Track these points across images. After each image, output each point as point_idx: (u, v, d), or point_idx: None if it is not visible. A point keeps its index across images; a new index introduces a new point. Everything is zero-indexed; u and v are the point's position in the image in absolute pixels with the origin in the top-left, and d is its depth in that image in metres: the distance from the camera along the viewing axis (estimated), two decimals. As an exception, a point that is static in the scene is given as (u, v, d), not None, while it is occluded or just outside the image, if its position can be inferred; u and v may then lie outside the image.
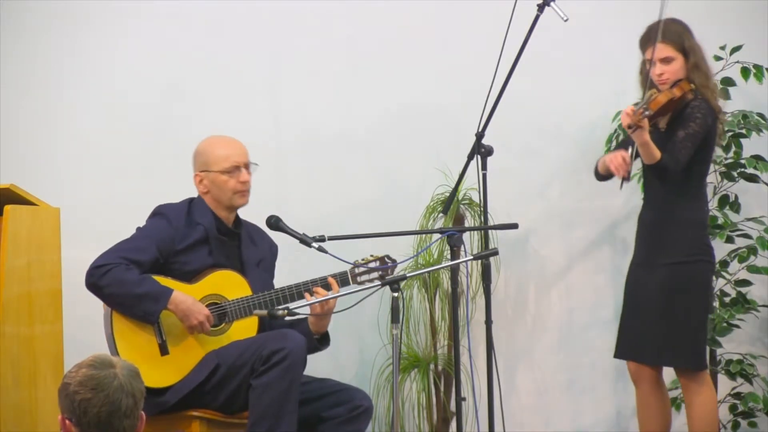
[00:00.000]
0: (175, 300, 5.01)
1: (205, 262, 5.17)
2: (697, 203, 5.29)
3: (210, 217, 5.21)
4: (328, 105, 6.28)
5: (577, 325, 6.25)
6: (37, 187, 5.26)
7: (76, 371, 3.17)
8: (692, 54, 5.25)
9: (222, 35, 6.22)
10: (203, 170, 5.23)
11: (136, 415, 3.16)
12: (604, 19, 5.98)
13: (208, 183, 5.23)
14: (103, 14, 6.14)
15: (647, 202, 5.36)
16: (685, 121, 5.20)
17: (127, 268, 5.01)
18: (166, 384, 5.03)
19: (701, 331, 5.26)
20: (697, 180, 5.28)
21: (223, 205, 5.24)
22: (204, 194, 5.24)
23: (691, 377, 5.25)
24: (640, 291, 5.31)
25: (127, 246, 5.09)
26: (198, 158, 5.28)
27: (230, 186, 5.21)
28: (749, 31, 6.12)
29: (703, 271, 5.26)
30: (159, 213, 5.21)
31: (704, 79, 5.25)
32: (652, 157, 5.12)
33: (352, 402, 5.17)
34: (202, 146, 5.30)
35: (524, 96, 6.01)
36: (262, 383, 4.96)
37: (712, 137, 5.26)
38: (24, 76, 6.12)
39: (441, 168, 6.13)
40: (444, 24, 6.27)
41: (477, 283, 6.02)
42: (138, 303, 4.99)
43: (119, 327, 5.04)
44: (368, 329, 6.14)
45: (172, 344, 5.07)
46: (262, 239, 5.37)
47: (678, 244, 5.24)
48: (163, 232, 5.13)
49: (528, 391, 6.27)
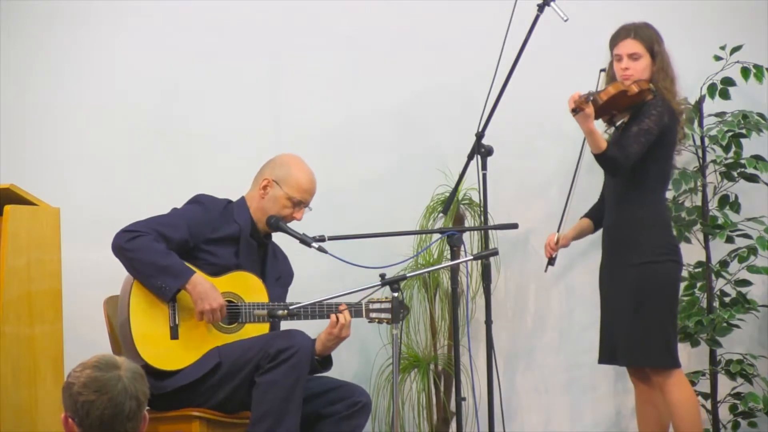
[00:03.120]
0: (195, 281, 5.01)
1: (230, 261, 5.17)
2: (656, 203, 5.31)
3: (248, 219, 5.23)
4: (328, 105, 6.28)
5: (577, 325, 6.25)
6: (37, 187, 5.25)
7: (81, 371, 3.16)
8: (659, 58, 5.33)
9: (222, 35, 6.22)
10: (275, 180, 5.24)
11: (139, 418, 3.16)
12: (603, 19, 5.97)
13: (271, 194, 5.24)
14: (103, 14, 6.14)
15: (607, 206, 5.42)
16: (641, 117, 5.24)
17: (155, 238, 5.03)
18: (167, 368, 5.02)
19: (671, 329, 5.29)
20: (655, 180, 5.30)
21: (264, 216, 5.25)
22: (258, 196, 5.24)
23: (666, 377, 5.28)
24: (609, 292, 5.37)
25: (160, 220, 5.11)
26: (278, 169, 5.27)
27: (285, 213, 5.24)
28: (749, 31, 6.12)
29: (671, 271, 5.30)
30: (197, 200, 5.24)
31: (669, 83, 5.32)
32: (597, 146, 5.17)
33: (351, 398, 5.18)
34: (287, 160, 5.31)
35: (524, 96, 6.01)
36: (267, 380, 4.95)
37: (670, 136, 5.28)
38: (24, 76, 6.12)
39: (441, 168, 6.13)
40: (444, 24, 6.27)
41: (477, 283, 6.02)
42: (158, 274, 5.00)
43: (136, 300, 5.04)
44: (368, 329, 6.14)
45: (183, 331, 5.07)
46: (285, 260, 5.41)
47: (643, 245, 5.27)
48: (198, 217, 5.15)
49: (528, 391, 6.27)
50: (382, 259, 5.52)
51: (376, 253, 5.86)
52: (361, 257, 5.34)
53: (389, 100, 6.29)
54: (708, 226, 5.98)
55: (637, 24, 5.36)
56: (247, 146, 6.07)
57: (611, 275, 5.37)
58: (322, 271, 5.93)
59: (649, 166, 5.25)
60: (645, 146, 5.20)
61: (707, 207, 6.04)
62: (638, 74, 5.29)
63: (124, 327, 5.04)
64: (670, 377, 5.28)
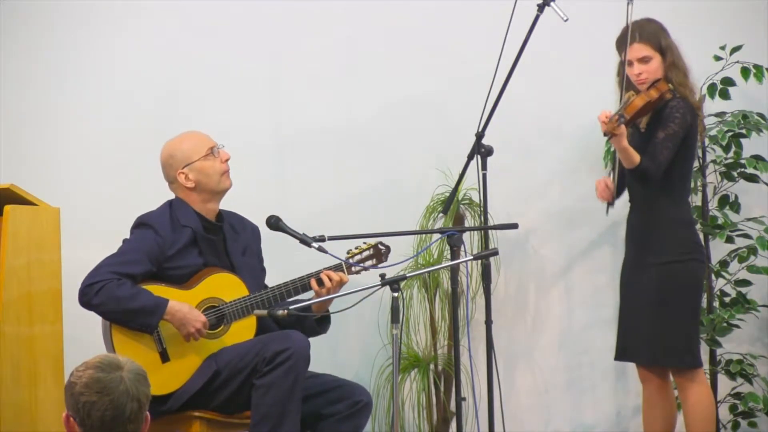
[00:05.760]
0: (171, 310, 5.00)
1: (197, 263, 5.17)
2: (681, 202, 5.30)
3: (194, 217, 5.21)
4: (328, 105, 6.28)
5: (577, 325, 6.25)
6: (37, 187, 5.26)
7: (83, 371, 3.16)
8: (669, 52, 5.27)
9: (222, 35, 6.22)
10: (185, 165, 5.23)
11: (140, 419, 3.15)
12: (604, 19, 5.97)
13: (194, 175, 5.22)
14: (103, 14, 6.14)
15: (632, 204, 5.39)
16: (665, 121, 5.21)
17: (119, 283, 4.98)
18: (169, 391, 5.03)
19: (694, 329, 5.27)
20: (680, 179, 5.28)
21: (210, 195, 5.23)
22: (190, 190, 5.23)
23: (687, 376, 5.26)
24: (632, 292, 5.34)
25: (116, 260, 5.06)
26: (172, 160, 5.25)
27: (216, 169, 5.23)
28: (749, 31, 6.12)
29: (695, 270, 5.28)
30: (143, 223, 5.18)
31: (682, 77, 5.27)
32: (631, 162, 5.14)
33: (352, 398, 5.18)
34: (168, 150, 5.28)
35: (524, 96, 6.01)
36: (266, 383, 4.96)
37: (693, 135, 5.27)
38: (24, 76, 6.12)
39: (441, 168, 6.13)
40: (444, 24, 6.26)
41: (477, 283, 6.02)
42: (134, 317, 4.98)
43: (119, 338, 5.03)
44: (368, 329, 6.14)
45: (173, 351, 5.07)
46: (243, 226, 5.37)
47: (668, 244, 5.25)
48: (151, 242, 5.11)
49: (528, 391, 6.27)
50: (382, 259, 5.52)
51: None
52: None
53: (389, 100, 6.29)
54: (708, 226, 5.98)
55: (641, 23, 5.28)
56: (247, 146, 6.06)
57: (635, 273, 5.32)
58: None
59: (675, 167, 5.23)
60: (673, 150, 5.19)
61: (707, 207, 6.04)
62: (652, 75, 5.25)
63: None
64: (691, 377, 5.25)
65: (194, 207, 5.23)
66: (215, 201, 5.27)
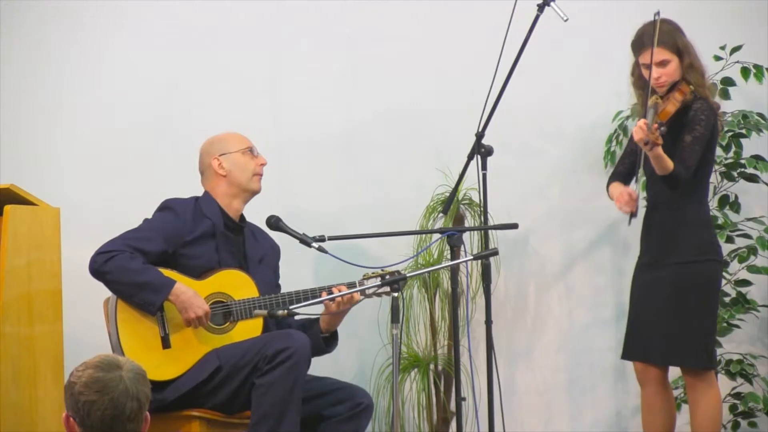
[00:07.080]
0: (177, 291, 5.01)
1: (212, 258, 5.17)
2: (703, 204, 5.30)
3: (217, 211, 5.22)
4: (328, 105, 6.28)
5: (577, 325, 6.25)
6: (37, 187, 5.25)
7: (83, 371, 3.16)
8: (686, 53, 5.26)
9: (222, 35, 6.22)
10: (222, 153, 5.26)
11: (140, 419, 3.16)
12: (604, 19, 5.98)
13: (228, 165, 5.26)
14: (103, 14, 6.14)
15: (653, 203, 5.35)
16: (690, 124, 5.20)
17: (131, 256, 5.02)
18: (165, 378, 5.02)
19: (711, 330, 5.26)
20: (702, 180, 5.28)
21: (238, 190, 5.26)
22: (220, 179, 5.24)
23: (699, 377, 5.25)
24: (648, 291, 5.31)
25: (133, 235, 5.10)
26: (214, 145, 5.31)
27: (251, 167, 5.28)
28: (749, 31, 6.12)
29: (712, 270, 5.26)
30: (166, 206, 5.23)
31: (699, 77, 5.26)
32: (665, 168, 5.11)
33: (353, 400, 5.17)
34: (209, 140, 5.35)
35: (524, 96, 6.01)
36: (266, 382, 4.96)
37: (715, 137, 5.27)
38: (24, 76, 6.12)
39: (441, 168, 6.13)
40: (444, 24, 6.27)
41: (477, 283, 6.02)
42: (138, 291, 4.99)
43: (123, 316, 5.04)
44: (368, 329, 6.14)
45: (175, 338, 5.07)
46: (264, 238, 5.39)
47: (688, 244, 5.23)
48: (171, 224, 5.15)
49: (528, 391, 6.27)
50: (382, 259, 5.52)
51: (376, 253, 5.87)
52: (361, 257, 5.34)
53: (389, 100, 6.29)
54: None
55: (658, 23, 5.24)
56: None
57: (652, 272, 5.31)
58: (322, 271, 5.93)
59: (698, 168, 5.22)
60: (700, 153, 5.18)
61: (708, 206, 6.04)
62: (671, 78, 5.23)
63: (114, 346, 5.04)
64: (703, 378, 5.24)
65: (220, 201, 5.25)
66: (241, 200, 5.28)
